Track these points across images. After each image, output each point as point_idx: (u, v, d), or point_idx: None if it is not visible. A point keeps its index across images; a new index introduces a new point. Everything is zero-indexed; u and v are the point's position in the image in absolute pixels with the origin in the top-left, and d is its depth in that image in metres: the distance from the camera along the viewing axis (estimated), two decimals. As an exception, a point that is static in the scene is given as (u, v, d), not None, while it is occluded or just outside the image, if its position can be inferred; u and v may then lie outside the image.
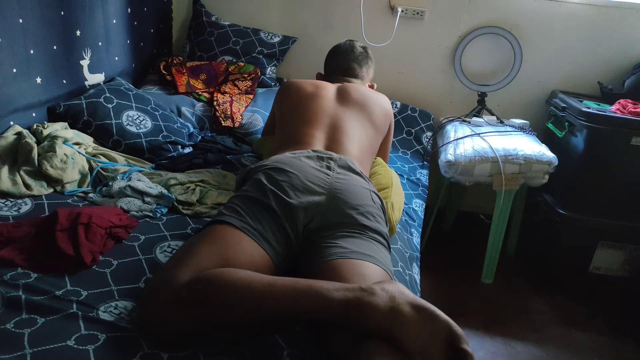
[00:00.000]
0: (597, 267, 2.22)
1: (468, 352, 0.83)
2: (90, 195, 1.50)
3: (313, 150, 1.43)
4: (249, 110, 2.20)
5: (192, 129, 2.04)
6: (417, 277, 1.51)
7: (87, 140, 1.72)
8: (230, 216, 1.18)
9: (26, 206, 1.39)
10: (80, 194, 1.51)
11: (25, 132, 1.58)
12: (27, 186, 1.45)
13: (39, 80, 1.70)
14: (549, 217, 2.24)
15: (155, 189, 1.49)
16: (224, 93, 2.26)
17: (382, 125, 1.71)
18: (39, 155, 1.52)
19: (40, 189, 1.47)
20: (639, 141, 2.03)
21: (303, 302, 0.91)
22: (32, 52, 1.64)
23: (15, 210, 1.36)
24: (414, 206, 1.89)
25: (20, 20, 1.58)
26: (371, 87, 1.90)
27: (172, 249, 1.28)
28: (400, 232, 1.61)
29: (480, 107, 2.47)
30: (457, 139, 2.16)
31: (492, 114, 2.43)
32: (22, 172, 1.47)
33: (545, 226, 2.31)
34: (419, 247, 1.68)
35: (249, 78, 2.35)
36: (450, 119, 2.45)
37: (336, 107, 1.63)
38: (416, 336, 0.86)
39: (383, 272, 1.12)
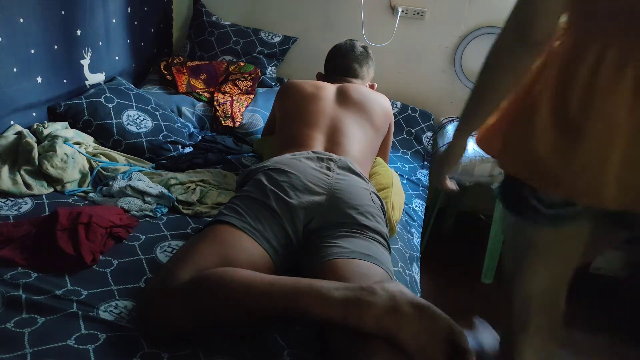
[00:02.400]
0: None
1: (468, 351, 0.83)
2: (91, 194, 1.50)
3: (313, 152, 1.43)
4: (250, 110, 2.20)
5: (192, 129, 2.05)
6: (417, 277, 1.51)
7: (88, 139, 1.72)
8: (230, 216, 1.18)
9: (26, 206, 1.39)
10: (81, 194, 1.51)
11: (26, 131, 1.58)
12: (27, 185, 1.45)
13: (39, 79, 1.70)
14: (549, 217, 2.23)
15: (155, 188, 1.49)
16: (224, 93, 2.26)
17: (382, 126, 1.71)
18: (39, 154, 1.52)
19: (41, 188, 1.47)
20: (639, 141, 2.03)
21: (303, 302, 0.91)
22: (32, 51, 1.65)
23: (15, 210, 1.36)
24: (414, 206, 1.89)
25: (21, 20, 1.58)
26: (372, 87, 1.90)
27: (172, 248, 1.28)
28: (400, 232, 1.61)
29: (481, 107, 2.46)
30: (457, 139, 2.16)
31: (493, 114, 2.43)
32: (22, 172, 1.47)
33: (546, 226, 2.31)
34: (419, 247, 1.68)
35: (249, 78, 2.35)
36: (451, 119, 2.44)
37: (336, 108, 1.63)
38: (416, 335, 0.86)
39: (383, 272, 1.12)
